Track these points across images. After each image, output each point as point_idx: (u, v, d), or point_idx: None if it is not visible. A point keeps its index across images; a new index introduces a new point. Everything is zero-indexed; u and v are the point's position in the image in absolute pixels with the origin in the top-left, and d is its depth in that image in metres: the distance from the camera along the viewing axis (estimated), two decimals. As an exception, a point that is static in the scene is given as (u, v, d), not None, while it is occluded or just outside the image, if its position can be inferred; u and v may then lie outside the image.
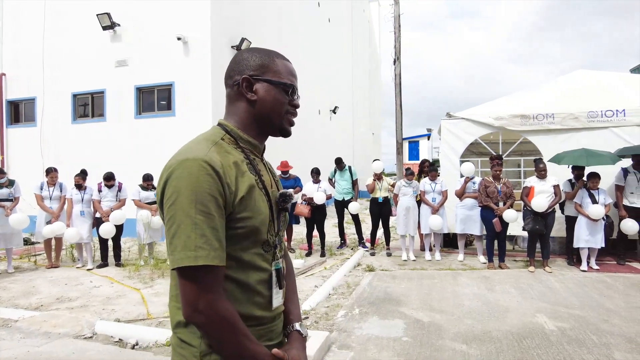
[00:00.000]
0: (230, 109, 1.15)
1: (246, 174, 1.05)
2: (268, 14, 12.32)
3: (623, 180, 6.51)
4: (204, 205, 0.93)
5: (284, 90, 1.13)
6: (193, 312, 0.94)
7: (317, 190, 7.60)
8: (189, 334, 1.02)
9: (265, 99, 1.11)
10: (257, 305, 1.07)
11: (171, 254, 0.94)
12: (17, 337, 3.89)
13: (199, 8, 9.16)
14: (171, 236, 0.94)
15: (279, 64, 1.14)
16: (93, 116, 10.30)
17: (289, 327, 1.20)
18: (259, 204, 1.05)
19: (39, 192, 6.75)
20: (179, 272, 0.94)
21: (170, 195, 0.95)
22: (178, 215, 0.93)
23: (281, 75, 1.13)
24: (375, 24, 30.22)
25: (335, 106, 19.37)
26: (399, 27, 11.66)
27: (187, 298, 0.94)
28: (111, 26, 9.52)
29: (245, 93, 1.11)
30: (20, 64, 10.78)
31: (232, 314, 0.97)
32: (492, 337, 3.76)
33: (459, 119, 7.89)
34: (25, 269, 6.77)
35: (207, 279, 0.94)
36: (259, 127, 1.14)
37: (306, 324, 4.10)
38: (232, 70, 1.14)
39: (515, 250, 7.84)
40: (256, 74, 1.11)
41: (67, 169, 8.51)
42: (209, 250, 0.93)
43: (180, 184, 0.94)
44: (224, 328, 0.95)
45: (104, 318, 4.30)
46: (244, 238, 1.03)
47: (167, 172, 0.98)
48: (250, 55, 1.13)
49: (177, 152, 1.01)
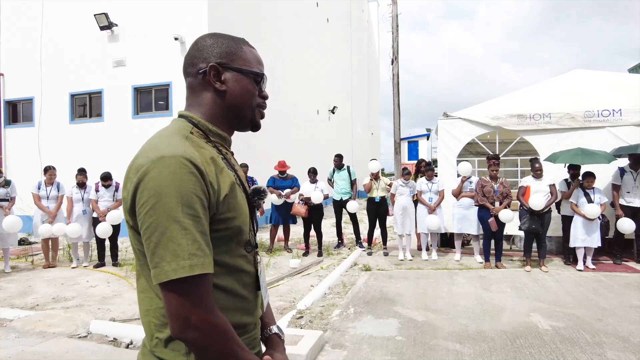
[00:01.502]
0: (193, 100, 1.05)
1: (224, 171, 0.96)
2: (266, 14, 12.32)
3: (620, 180, 6.53)
4: (191, 208, 0.83)
5: (254, 80, 1.05)
6: (185, 328, 0.83)
7: (314, 190, 7.60)
8: (171, 352, 0.91)
9: (235, 90, 1.02)
10: (243, 311, 1.00)
11: (156, 266, 0.82)
12: (11, 336, 3.89)
13: (196, 8, 9.17)
14: (154, 245, 0.83)
15: (247, 51, 1.05)
16: (91, 116, 10.32)
17: (267, 330, 1.15)
18: (241, 203, 0.98)
19: (37, 191, 6.77)
20: (164, 285, 0.83)
21: (148, 199, 0.83)
22: (162, 220, 0.82)
23: (251, 63, 1.05)
24: (374, 24, 30.23)
25: (334, 106, 19.39)
26: (397, 27, 11.66)
27: (177, 314, 0.83)
28: (109, 26, 9.53)
29: (213, 82, 1.01)
30: (18, 64, 10.79)
31: (226, 324, 0.89)
32: (485, 336, 3.77)
33: (456, 118, 7.90)
34: (22, 268, 6.77)
35: (199, 290, 0.84)
36: (228, 120, 1.06)
37: (300, 324, 4.11)
38: (195, 58, 1.03)
39: (513, 250, 7.84)
40: (224, 62, 1.02)
41: (65, 169, 8.52)
42: (203, 257, 0.84)
43: (160, 184, 0.83)
44: (219, 340, 0.86)
45: (99, 317, 4.31)
46: (229, 240, 0.95)
47: (138, 173, 0.86)
48: (215, 41, 1.03)
49: (145, 150, 0.90)
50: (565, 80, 8.27)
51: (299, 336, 3.45)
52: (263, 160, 10.22)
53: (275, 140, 12.67)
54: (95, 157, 9.61)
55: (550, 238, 7.55)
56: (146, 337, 0.96)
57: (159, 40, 9.31)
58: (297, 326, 4.03)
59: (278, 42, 13.31)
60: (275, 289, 5.45)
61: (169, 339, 0.91)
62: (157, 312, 0.92)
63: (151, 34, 9.44)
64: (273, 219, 7.98)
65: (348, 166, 8.30)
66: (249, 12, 11.15)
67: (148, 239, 0.84)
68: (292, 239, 8.68)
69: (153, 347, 0.94)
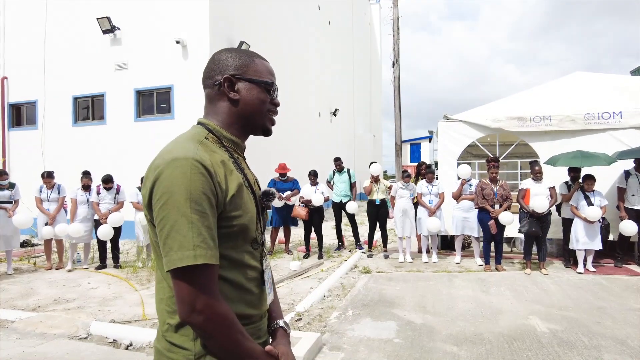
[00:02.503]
0: (211, 109, 1.15)
1: (234, 173, 1.06)
2: (267, 17, 12.39)
3: (625, 182, 6.52)
4: (198, 204, 0.93)
5: (265, 89, 1.14)
6: (191, 312, 0.92)
7: (314, 193, 7.63)
8: (181, 336, 1.00)
9: (247, 98, 1.12)
10: (248, 303, 1.08)
11: (166, 255, 0.92)
12: (13, 337, 3.93)
13: (197, 12, 9.24)
14: (165, 236, 0.93)
15: (259, 63, 1.15)
16: (93, 119, 10.39)
17: (273, 324, 1.23)
18: (247, 203, 1.07)
19: (38, 194, 6.84)
20: (174, 273, 0.92)
21: (162, 196, 0.94)
22: (172, 214, 0.92)
23: (262, 74, 1.14)
24: (377, 26, 30.30)
25: (336, 108, 19.43)
26: (397, 30, 11.70)
27: (184, 298, 0.92)
28: (111, 30, 9.61)
29: (227, 92, 1.12)
30: (21, 68, 10.89)
31: (229, 312, 0.97)
32: (483, 338, 3.77)
33: (456, 121, 7.91)
34: (25, 270, 6.83)
35: (204, 278, 0.93)
36: (241, 126, 1.15)
37: (299, 326, 4.13)
38: (212, 71, 1.14)
39: (513, 252, 7.83)
40: (237, 74, 1.12)
41: (67, 171, 8.58)
42: (206, 249, 0.92)
43: (172, 183, 0.93)
44: (222, 327, 0.94)
45: (100, 319, 4.34)
46: (235, 236, 1.03)
47: (154, 172, 0.97)
48: (229, 55, 1.14)
49: (162, 152, 1.01)
50: (565, 83, 8.26)
51: (297, 338, 3.47)
52: (264, 162, 10.26)
53: (276, 143, 12.70)
54: (97, 159, 9.68)
55: (550, 240, 7.54)
56: (159, 323, 1.06)
57: (160, 44, 9.38)
58: (295, 328, 4.05)
59: (279, 45, 13.37)
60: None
61: (179, 325, 1.00)
62: (169, 300, 1.01)
63: (153, 38, 9.52)
64: (274, 221, 8.01)
65: (348, 169, 8.33)
66: (250, 15, 11.21)
67: (160, 231, 0.94)
68: (292, 241, 8.71)
69: (164, 332, 1.03)
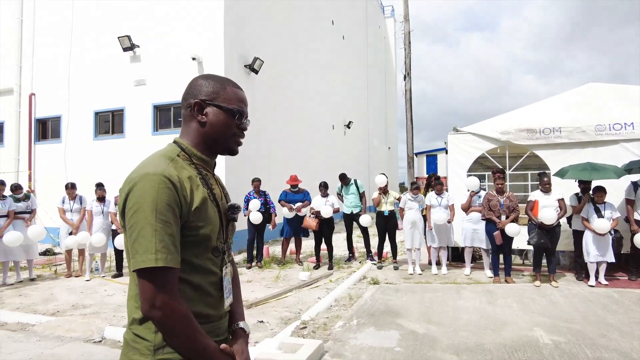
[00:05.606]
0: (184, 129, 1.28)
1: (199, 188, 1.18)
2: (281, 33, 12.72)
3: (633, 194, 6.42)
4: (163, 215, 1.05)
5: (231, 115, 1.25)
6: (151, 308, 1.04)
7: (325, 204, 7.75)
8: (144, 329, 1.12)
9: (213, 122, 1.24)
10: (207, 304, 1.20)
11: (132, 257, 1.06)
12: (33, 340, 4.16)
13: (212, 29, 9.60)
14: (132, 241, 1.06)
15: (230, 91, 1.27)
16: (113, 133, 10.82)
17: (234, 325, 1.34)
18: (210, 215, 1.19)
19: (61, 205, 7.19)
20: (138, 273, 1.05)
21: (133, 205, 1.07)
22: (140, 222, 1.05)
23: (230, 101, 1.26)
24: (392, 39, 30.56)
25: (350, 121, 19.60)
26: (409, 44, 11.86)
27: (145, 296, 1.04)
28: (131, 47, 10.05)
29: (196, 115, 1.24)
30: (48, 85, 11.47)
31: (186, 310, 1.08)
32: (484, 349, 3.80)
33: (465, 133, 7.96)
34: (46, 277, 7.13)
35: (163, 279, 1.05)
36: (208, 146, 1.27)
37: (303, 334, 4.23)
38: (188, 94, 1.27)
39: (525, 264, 7.76)
40: (208, 99, 1.24)
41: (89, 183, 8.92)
42: (167, 254, 1.05)
43: (142, 195, 1.06)
44: (178, 323, 1.06)
45: (114, 324, 4.54)
46: (196, 244, 1.16)
47: (129, 184, 1.10)
48: (204, 81, 1.26)
49: (138, 167, 1.14)
50: (576, 94, 8.23)
51: (299, 345, 3.58)
52: (280, 174, 10.46)
53: (290, 155, 12.94)
54: (117, 171, 9.94)
55: (563, 253, 7.46)
56: (127, 317, 1.19)
57: (177, 61, 9.76)
58: (299, 336, 4.15)
59: (293, 60, 13.68)
60: (283, 300, 5.59)
61: (143, 319, 1.12)
62: (136, 297, 1.12)
63: (170, 55, 9.91)
64: (285, 232, 8.15)
65: (355, 180, 8.42)
66: (264, 32, 11.56)
67: (130, 236, 1.07)
68: (303, 252, 8.83)
69: (130, 325, 1.16)
